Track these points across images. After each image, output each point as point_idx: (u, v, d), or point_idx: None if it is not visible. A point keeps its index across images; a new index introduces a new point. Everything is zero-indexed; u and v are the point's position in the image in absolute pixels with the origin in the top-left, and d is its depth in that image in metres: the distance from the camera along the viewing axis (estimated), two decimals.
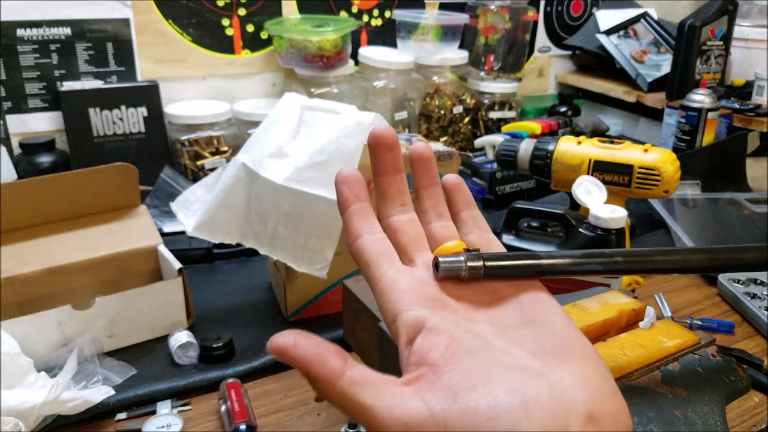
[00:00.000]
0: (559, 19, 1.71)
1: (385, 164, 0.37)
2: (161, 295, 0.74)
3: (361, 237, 0.34)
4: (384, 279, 0.33)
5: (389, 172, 0.37)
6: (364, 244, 0.34)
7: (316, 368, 0.27)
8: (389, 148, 0.37)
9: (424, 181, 0.38)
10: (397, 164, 0.37)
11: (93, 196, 0.83)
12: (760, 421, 0.65)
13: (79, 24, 1.16)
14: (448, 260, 0.34)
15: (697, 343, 0.54)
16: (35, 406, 0.57)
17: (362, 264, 0.34)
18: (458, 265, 0.34)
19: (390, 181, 0.37)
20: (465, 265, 0.34)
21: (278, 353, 0.28)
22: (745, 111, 1.33)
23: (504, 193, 1.21)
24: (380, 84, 1.34)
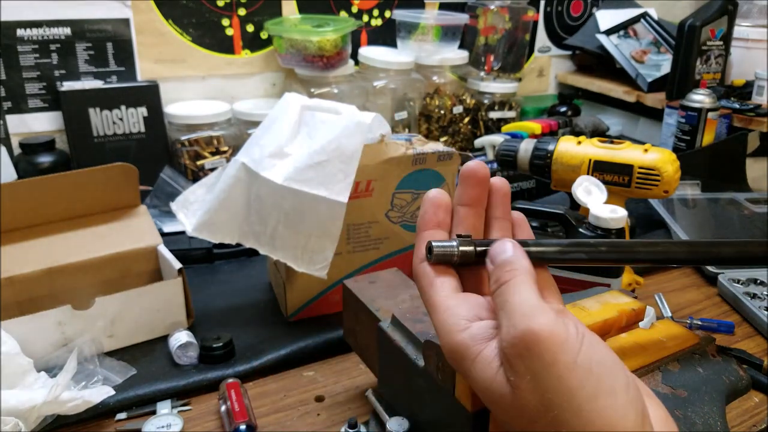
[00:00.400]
0: (559, 19, 1.71)
1: (469, 197, 0.40)
2: (161, 295, 0.74)
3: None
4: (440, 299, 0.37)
5: (472, 205, 0.40)
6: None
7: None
8: (479, 183, 0.40)
9: (498, 213, 0.41)
10: (482, 199, 0.40)
11: (93, 196, 0.83)
12: (760, 421, 0.65)
13: (79, 24, 1.16)
14: (440, 245, 0.37)
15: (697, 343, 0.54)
16: (35, 406, 0.57)
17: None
18: (450, 250, 0.36)
19: (469, 213, 0.40)
20: (457, 250, 0.36)
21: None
22: (745, 111, 1.33)
23: None
24: (380, 84, 1.34)
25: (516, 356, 0.31)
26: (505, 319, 0.32)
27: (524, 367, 0.31)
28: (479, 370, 0.33)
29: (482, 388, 0.33)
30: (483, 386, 0.33)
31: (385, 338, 0.55)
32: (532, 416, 0.31)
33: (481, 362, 0.33)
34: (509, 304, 0.33)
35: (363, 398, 0.65)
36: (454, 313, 0.35)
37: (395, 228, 0.81)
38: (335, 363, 0.73)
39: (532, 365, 0.31)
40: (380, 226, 0.80)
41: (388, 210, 0.80)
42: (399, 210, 0.81)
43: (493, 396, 0.33)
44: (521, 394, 0.31)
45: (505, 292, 0.34)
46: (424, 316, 0.54)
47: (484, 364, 0.33)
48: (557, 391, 0.30)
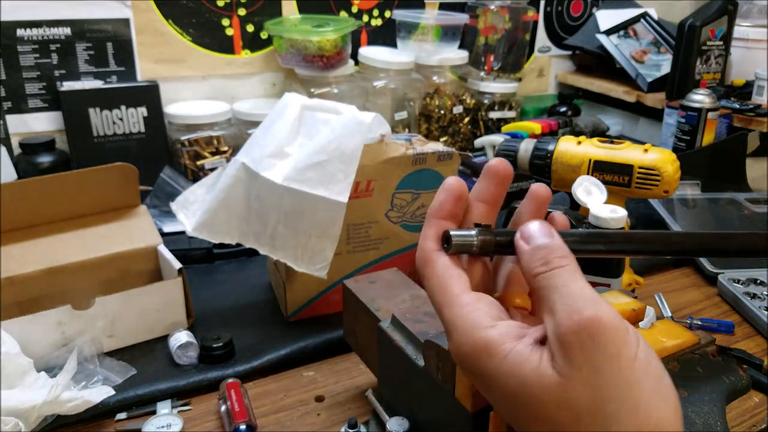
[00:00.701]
0: (559, 19, 1.71)
1: (490, 194, 0.39)
2: (161, 295, 0.74)
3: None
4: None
5: (490, 203, 0.39)
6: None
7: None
8: (502, 181, 0.39)
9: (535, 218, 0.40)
10: (500, 199, 0.39)
11: (93, 196, 0.83)
12: (760, 421, 0.65)
13: (79, 24, 1.16)
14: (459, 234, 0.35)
15: (697, 343, 0.54)
16: (35, 406, 0.57)
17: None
18: (470, 240, 0.35)
19: (485, 210, 0.39)
20: (477, 240, 0.35)
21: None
22: (745, 111, 1.33)
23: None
24: (380, 84, 1.34)
25: (577, 345, 0.29)
26: (562, 305, 0.30)
27: (583, 358, 0.29)
28: (513, 365, 0.31)
29: (516, 386, 0.31)
30: (518, 383, 0.31)
31: (385, 338, 0.55)
32: (579, 411, 0.29)
33: (515, 358, 0.31)
34: (568, 288, 0.31)
35: (363, 398, 0.65)
36: (478, 308, 0.34)
37: (395, 228, 0.81)
38: (335, 363, 0.73)
39: (594, 356, 0.29)
40: (380, 226, 0.80)
41: (388, 210, 0.80)
42: (399, 210, 0.81)
43: (532, 391, 0.30)
44: (573, 387, 0.29)
45: (560, 276, 0.32)
46: (424, 316, 0.54)
47: (520, 359, 0.31)
48: (616, 384, 0.29)
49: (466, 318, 0.33)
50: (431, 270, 0.36)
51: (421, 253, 0.37)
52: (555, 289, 0.31)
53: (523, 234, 0.35)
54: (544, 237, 0.34)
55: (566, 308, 0.30)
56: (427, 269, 0.36)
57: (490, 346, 0.32)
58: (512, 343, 0.32)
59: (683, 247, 0.40)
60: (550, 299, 0.32)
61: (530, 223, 0.35)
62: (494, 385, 0.32)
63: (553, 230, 0.35)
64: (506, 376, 0.32)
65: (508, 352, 0.32)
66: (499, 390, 0.32)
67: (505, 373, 0.32)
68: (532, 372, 0.31)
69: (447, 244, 0.35)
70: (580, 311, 0.30)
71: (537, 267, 0.33)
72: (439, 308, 0.35)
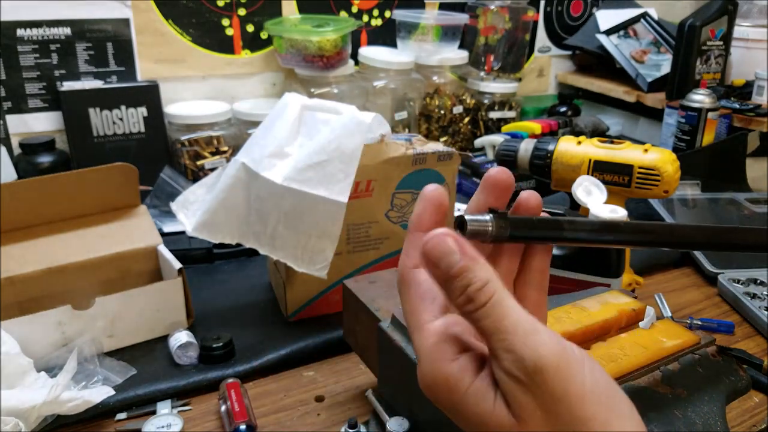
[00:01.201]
0: (559, 19, 1.71)
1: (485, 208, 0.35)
2: (161, 295, 0.74)
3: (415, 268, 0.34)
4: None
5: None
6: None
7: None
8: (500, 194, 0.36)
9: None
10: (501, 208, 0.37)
11: (93, 196, 0.83)
12: (760, 421, 0.65)
13: (79, 24, 1.16)
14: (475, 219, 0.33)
15: (697, 343, 0.54)
16: (35, 406, 0.57)
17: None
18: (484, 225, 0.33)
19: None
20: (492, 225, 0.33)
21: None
22: (745, 111, 1.33)
23: None
24: (380, 84, 1.34)
25: (525, 392, 0.29)
26: (503, 351, 0.29)
27: (535, 403, 0.29)
28: (472, 404, 0.31)
29: (478, 422, 0.31)
30: (479, 420, 0.31)
31: (385, 338, 0.55)
32: None
33: (473, 395, 0.31)
34: (501, 330, 0.29)
35: (363, 398, 0.65)
36: (444, 339, 0.32)
37: (395, 228, 0.81)
38: (335, 363, 0.73)
39: (543, 399, 0.29)
40: (380, 226, 0.80)
41: (388, 210, 0.80)
42: (399, 210, 0.81)
43: (492, 429, 0.30)
44: (527, 428, 0.29)
45: (489, 316, 0.29)
46: None
47: (477, 397, 0.31)
48: (569, 423, 0.29)
49: (431, 349, 0.32)
50: (406, 290, 0.34)
51: (400, 270, 0.34)
52: (489, 333, 0.30)
53: (426, 252, 0.30)
54: (453, 257, 0.30)
55: (508, 356, 0.29)
56: (402, 288, 0.34)
57: (449, 380, 0.31)
58: (471, 377, 0.31)
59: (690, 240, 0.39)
60: (490, 342, 0.30)
61: (432, 239, 0.30)
62: (458, 419, 0.32)
63: (462, 242, 0.30)
64: (465, 411, 0.31)
65: (467, 387, 0.31)
66: (464, 423, 0.32)
67: (463, 409, 0.31)
68: (488, 412, 0.30)
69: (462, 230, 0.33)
70: (522, 360, 0.29)
71: (462, 305, 0.30)
72: (410, 333, 0.34)
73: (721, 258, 0.95)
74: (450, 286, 0.30)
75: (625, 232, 0.37)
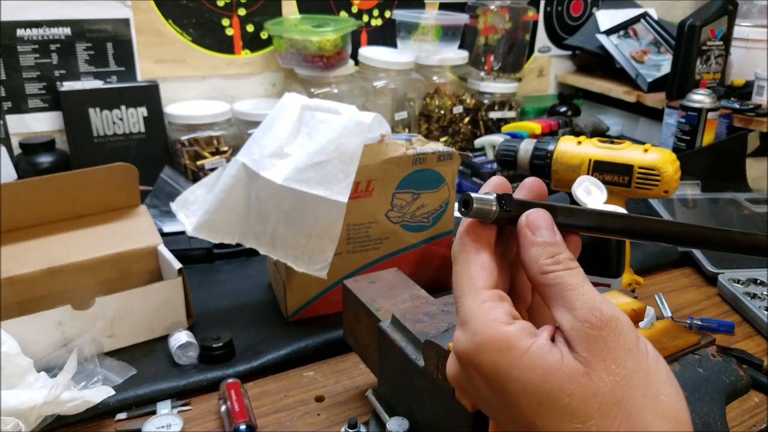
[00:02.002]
0: (559, 19, 1.71)
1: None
2: (161, 295, 0.74)
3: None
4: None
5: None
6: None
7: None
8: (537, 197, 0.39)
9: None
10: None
11: (93, 196, 0.83)
12: (760, 421, 0.65)
13: (79, 24, 1.16)
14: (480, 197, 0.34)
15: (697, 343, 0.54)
16: (35, 406, 0.57)
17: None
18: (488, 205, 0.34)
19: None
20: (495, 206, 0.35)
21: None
22: (745, 111, 1.33)
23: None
24: (380, 84, 1.34)
25: (600, 338, 0.31)
26: (581, 302, 0.32)
27: (607, 350, 0.31)
28: (537, 358, 0.32)
29: (540, 376, 0.31)
30: (542, 373, 0.31)
31: (385, 338, 0.55)
32: (604, 400, 0.30)
33: (538, 350, 0.32)
34: (583, 288, 0.33)
35: (363, 398, 0.65)
36: (499, 306, 0.34)
37: (395, 228, 0.81)
38: (335, 363, 0.73)
39: (615, 348, 0.31)
40: (380, 226, 0.80)
41: (388, 210, 0.80)
42: (399, 210, 0.81)
43: (559, 382, 0.31)
44: (598, 376, 0.31)
45: (573, 277, 0.33)
46: (424, 316, 0.54)
47: (542, 352, 0.32)
48: (637, 374, 0.31)
49: (487, 311, 0.34)
50: (466, 256, 0.36)
51: (459, 239, 0.37)
52: (570, 288, 0.33)
53: (529, 222, 0.35)
54: (550, 232, 0.35)
55: (586, 306, 0.32)
56: (462, 255, 0.36)
57: (509, 340, 0.32)
58: (530, 339, 0.33)
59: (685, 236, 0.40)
60: (566, 296, 0.33)
61: (536, 212, 0.36)
62: (508, 379, 0.32)
63: (555, 226, 0.36)
64: (528, 369, 0.32)
65: (528, 347, 0.32)
66: (515, 384, 0.32)
67: (526, 366, 0.32)
68: (556, 363, 0.31)
69: (466, 207, 0.35)
70: (601, 309, 0.32)
71: (547, 264, 0.34)
72: (460, 295, 0.35)
73: (721, 258, 0.95)
74: (540, 249, 0.34)
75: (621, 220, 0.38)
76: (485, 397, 0.34)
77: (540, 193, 0.39)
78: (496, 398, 0.34)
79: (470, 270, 0.36)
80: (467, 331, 0.34)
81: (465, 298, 0.35)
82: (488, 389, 0.34)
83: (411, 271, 0.82)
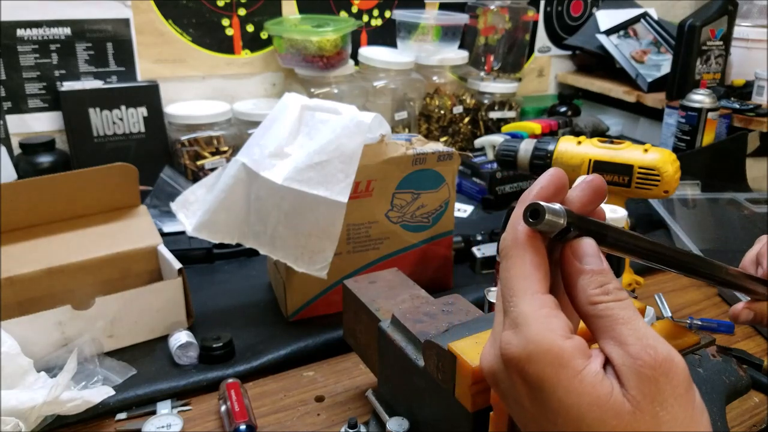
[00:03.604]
0: (559, 19, 1.71)
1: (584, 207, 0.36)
2: (161, 295, 0.74)
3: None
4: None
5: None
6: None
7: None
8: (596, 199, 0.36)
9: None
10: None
11: (93, 196, 0.83)
12: (760, 421, 0.65)
13: (79, 24, 1.16)
14: (551, 207, 0.32)
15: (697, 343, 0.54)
16: (35, 406, 0.57)
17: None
18: (557, 218, 0.32)
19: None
20: (564, 219, 0.32)
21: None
22: (745, 111, 1.33)
23: (504, 193, 1.22)
24: (380, 84, 1.34)
25: (652, 379, 0.30)
26: (634, 338, 0.31)
27: (657, 392, 0.30)
28: (588, 384, 0.31)
29: (589, 404, 0.31)
30: (591, 402, 0.31)
31: (385, 338, 0.55)
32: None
33: (590, 377, 0.31)
34: (635, 323, 0.32)
35: (363, 398, 0.65)
36: (557, 315, 0.32)
37: (395, 228, 0.81)
38: (335, 363, 0.73)
39: (666, 392, 0.30)
40: (380, 226, 0.80)
41: (388, 210, 0.80)
42: (399, 210, 0.81)
43: (604, 415, 0.30)
44: (643, 419, 0.30)
45: (624, 309, 0.32)
46: (424, 316, 0.54)
47: (595, 380, 0.31)
48: (682, 422, 0.30)
49: (546, 319, 0.32)
50: (522, 253, 0.34)
51: (514, 233, 0.34)
52: (622, 321, 0.32)
53: (574, 249, 0.34)
54: (597, 259, 0.34)
55: (640, 342, 0.31)
56: (517, 251, 0.34)
57: (564, 356, 0.31)
58: (585, 360, 0.31)
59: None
60: (617, 330, 0.32)
61: (584, 241, 0.34)
62: (553, 395, 0.31)
63: (600, 253, 0.34)
64: (576, 393, 0.31)
65: (582, 368, 0.31)
66: (558, 403, 0.31)
67: (575, 389, 0.31)
68: (606, 396, 0.30)
69: (534, 218, 0.32)
70: (655, 348, 0.31)
71: (597, 295, 0.33)
72: (512, 294, 0.33)
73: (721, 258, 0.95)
74: (588, 278, 0.33)
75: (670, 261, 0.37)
76: (522, 403, 0.33)
77: (600, 189, 0.36)
78: (534, 408, 0.32)
79: (525, 268, 0.33)
80: (520, 336, 0.32)
81: (520, 299, 0.33)
82: (529, 397, 0.32)
83: (411, 271, 0.82)
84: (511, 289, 0.33)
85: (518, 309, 0.33)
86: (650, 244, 0.37)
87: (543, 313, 0.32)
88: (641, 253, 0.36)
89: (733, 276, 0.43)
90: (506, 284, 0.34)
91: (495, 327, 0.35)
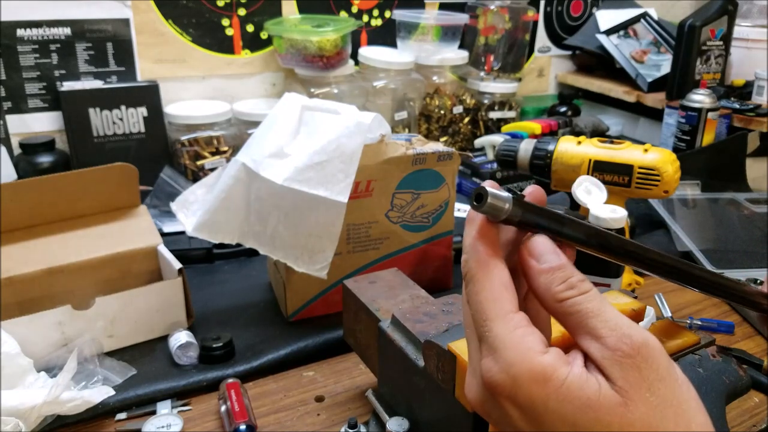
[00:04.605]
0: (559, 19, 1.71)
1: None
2: (161, 295, 0.74)
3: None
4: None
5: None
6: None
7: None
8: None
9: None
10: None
11: (93, 196, 0.83)
12: (760, 421, 0.65)
13: (79, 24, 1.16)
14: (495, 194, 0.32)
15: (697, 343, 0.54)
16: (35, 406, 0.57)
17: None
18: (501, 202, 0.32)
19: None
20: (508, 205, 0.32)
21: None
22: (745, 111, 1.33)
23: None
24: (380, 84, 1.34)
25: (634, 367, 0.30)
26: (607, 330, 0.31)
27: (641, 379, 0.30)
28: (575, 390, 0.31)
29: (581, 407, 0.31)
30: (583, 405, 0.31)
31: (385, 338, 0.55)
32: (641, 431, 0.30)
33: (575, 382, 0.31)
34: (605, 314, 0.32)
35: (363, 398, 0.65)
36: (531, 332, 0.32)
37: (395, 228, 0.81)
38: (335, 363, 0.73)
39: (649, 377, 0.30)
40: (380, 226, 0.80)
41: (388, 210, 0.80)
42: (399, 210, 0.81)
43: (597, 413, 0.30)
44: (635, 407, 0.30)
45: (592, 301, 0.32)
46: (424, 316, 0.54)
47: (580, 383, 0.31)
48: (671, 403, 0.30)
49: (522, 339, 0.32)
50: (486, 276, 0.33)
51: (476, 255, 0.34)
52: (592, 314, 0.32)
53: (531, 251, 0.34)
54: (554, 255, 0.33)
55: (614, 333, 0.31)
56: (480, 274, 0.34)
57: (546, 371, 0.31)
58: (566, 367, 0.31)
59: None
60: (589, 324, 0.32)
61: (537, 239, 0.34)
62: (545, 410, 0.31)
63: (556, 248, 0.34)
64: (565, 400, 0.31)
65: (565, 377, 0.31)
66: (552, 415, 0.31)
67: (564, 397, 0.31)
68: (594, 394, 0.31)
69: (479, 201, 0.32)
70: (630, 336, 0.31)
71: (562, 291, 0.32)
72: (485, 319, 0.33)
73: (721, 258, 0.95)
74: (550, 276, 0.33)
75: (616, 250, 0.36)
76: (518, 426, 0.33)
77: (540, 201, 0.37)
78: (531, 428, 0.32)
79: (494, 291, 0.33)
80: (501, 361, 0.32)
81: (493, 324, 0.33)
82: (522, 419, 0.32)
83: (411, 271, 0.82)
84: (483, 314, 0.33)
85: (493, 333, 0.33)
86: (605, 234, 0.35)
87: (518, 334, 0.32)
88: (594, 243, 0.35)
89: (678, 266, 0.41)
90: (477, 309, 0.34)
91: (471, 356, 0.35)
